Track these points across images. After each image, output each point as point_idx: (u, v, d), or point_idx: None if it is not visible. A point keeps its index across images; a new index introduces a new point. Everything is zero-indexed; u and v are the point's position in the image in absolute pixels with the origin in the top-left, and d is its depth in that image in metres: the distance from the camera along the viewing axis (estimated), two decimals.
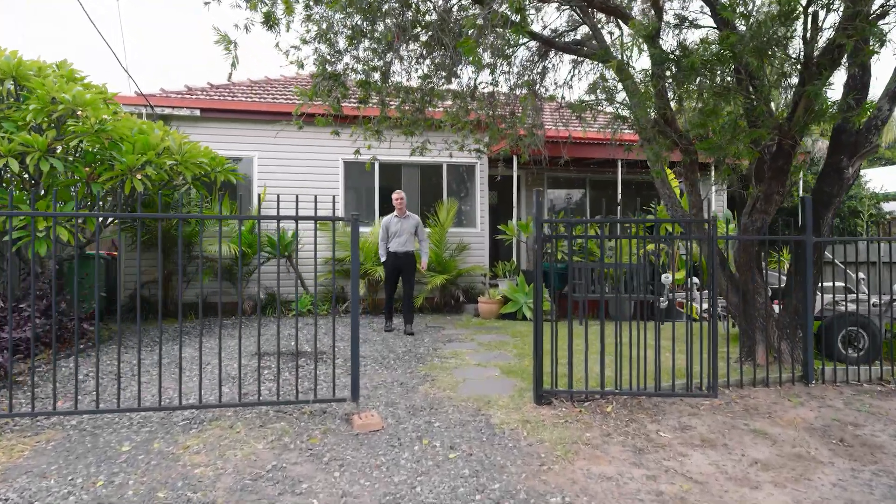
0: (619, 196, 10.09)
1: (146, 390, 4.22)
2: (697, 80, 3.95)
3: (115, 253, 9.26)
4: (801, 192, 11.45)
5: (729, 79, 4.19)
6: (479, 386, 4.48)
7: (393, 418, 3.67)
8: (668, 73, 3.84)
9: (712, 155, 4.27)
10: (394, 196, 7.15)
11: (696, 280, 6.28)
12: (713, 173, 10.08)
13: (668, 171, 9.83)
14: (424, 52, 6.19)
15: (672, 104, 4.57)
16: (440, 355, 5.69)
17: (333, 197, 3.45)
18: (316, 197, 3.52)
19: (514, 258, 9.64)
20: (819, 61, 3.61)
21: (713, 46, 3.76)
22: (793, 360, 4.58)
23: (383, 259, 7.06)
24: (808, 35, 3.62)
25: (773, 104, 4.53)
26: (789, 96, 4.34)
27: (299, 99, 5.22)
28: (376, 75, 5.33)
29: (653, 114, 4.36)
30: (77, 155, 6.23)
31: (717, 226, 5.25)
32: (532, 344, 5.63)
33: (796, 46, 3.79)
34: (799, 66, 3.81)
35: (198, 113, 9.10)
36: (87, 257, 8.39)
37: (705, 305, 6.11)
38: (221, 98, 9.74)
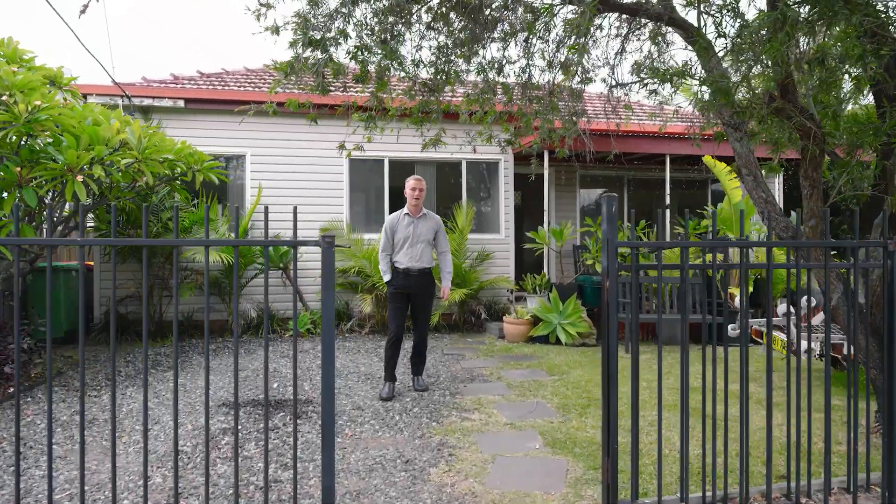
0: (668, 197, 8.69)
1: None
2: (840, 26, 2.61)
3: (91, 263, 8.17)
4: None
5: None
6: (515, 471, 3.19)
7: None
8: (804, 17, 2.50)
9: (859, 143, 2.93)
10: (408, 183, 4.81)
11: (782, 306, 4.89)
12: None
13: (720, 163, 8.42)
14: (441, 25, 4.93)
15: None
16: (460, 406, 4.42)
17: (295, 208, 2.21)
18: (266, 208, 2.28)
19: (545, 270, 8.31)
20: None
21: None
22: None
23: (386, 279, 4.83)
24: None
25: None
26: None
27: (276, 74, 3.98)
28: (376, 47, 4.07)
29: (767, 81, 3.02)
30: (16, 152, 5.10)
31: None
32: (599, 423, 4.34)
33: None
34: None
35: (182, 104, 7.95)
36: (55, 270, 7.31)
37: (810, 341, 4.75)
38: (210, 87, 8.59)
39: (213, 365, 5.89)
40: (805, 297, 4.43)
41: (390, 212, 7.79)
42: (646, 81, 3.50)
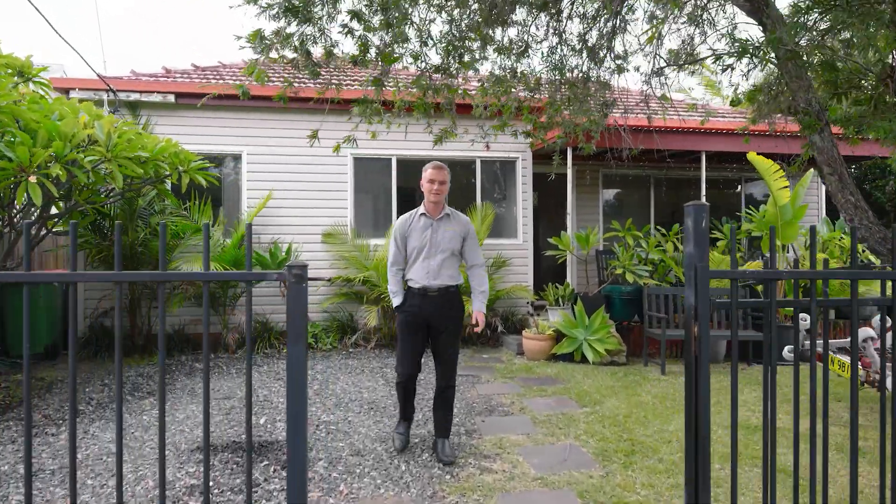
0: (703, 199, 7.90)
1: None
2: None
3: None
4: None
5: None
6: None
7: None
8: None
9: None
10: (426, 172, 3.49)
11: (871, 331, 4.10)
12: None
13: (765, 161, 7.62)
14: (452, 4, 4.24)
15: None
16: (478, 451, 3.70)
17: (249, 226, 1.51)
18: (204, 230, 1.58)
19: (569, 279, 7.57)
20: None
21: None
22: None
23: (396, 302, 3.55)
24: None
25: None
26: None
27: (251, 50, 3.29)
28: (374, 19, 3.37)
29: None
30: None
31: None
32: (650, 480, 3.62)
33: None
34: None
35: (172, 99, 7.32)
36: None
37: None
38: (204, 81, 7.95)
39: (197, 389, 5.23)
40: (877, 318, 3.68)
41: (398, 215, 6.71)
42: (720, 56, 2.76)
